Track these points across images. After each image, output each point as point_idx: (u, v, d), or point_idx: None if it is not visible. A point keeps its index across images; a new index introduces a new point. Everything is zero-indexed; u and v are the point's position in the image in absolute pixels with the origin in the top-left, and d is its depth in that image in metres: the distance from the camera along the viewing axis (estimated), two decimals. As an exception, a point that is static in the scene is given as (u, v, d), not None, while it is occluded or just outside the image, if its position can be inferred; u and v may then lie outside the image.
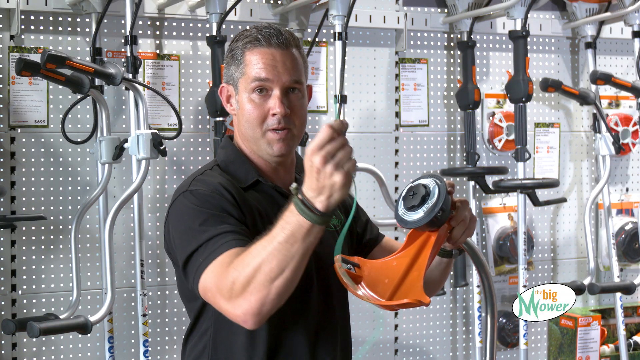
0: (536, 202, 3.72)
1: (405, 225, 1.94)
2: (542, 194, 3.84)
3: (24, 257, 3.16)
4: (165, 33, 3.37)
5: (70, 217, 3.20)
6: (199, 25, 3.41)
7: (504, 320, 3.90)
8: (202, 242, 1.94)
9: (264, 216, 2.07)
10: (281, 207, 2.04)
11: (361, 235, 2.32)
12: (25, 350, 3.16)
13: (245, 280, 1.82)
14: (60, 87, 3.05)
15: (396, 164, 3.77)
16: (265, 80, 2.08)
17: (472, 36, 3.77)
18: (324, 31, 3.56)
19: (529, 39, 3.71)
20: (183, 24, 3.40)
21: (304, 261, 1.84)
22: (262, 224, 2.04)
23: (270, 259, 1.81)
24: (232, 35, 3.43)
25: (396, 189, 3.76)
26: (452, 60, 3.88)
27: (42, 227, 3.18)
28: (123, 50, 3.22)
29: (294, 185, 1.85)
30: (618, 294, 3.92)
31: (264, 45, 2.10)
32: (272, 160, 2.14)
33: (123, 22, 3.17)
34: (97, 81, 3.00)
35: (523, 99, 3.67)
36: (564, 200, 3.96)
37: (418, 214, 1.92)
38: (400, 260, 1.96)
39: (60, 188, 3.21)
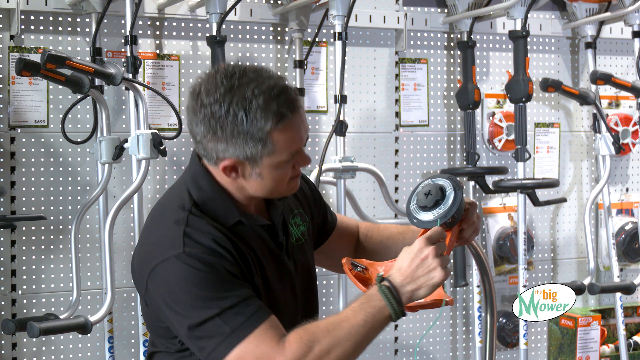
0: (536, 202, 3.72)
1: (412, 222, 1.94)
2: (542, 194, 3.84)
3: (24, 257, 3.16)
4: (165, 33, 3.37)
5: (70, 217, 3.20)
6: (199, 25, 3.41)
7: (504, 320, 3.90)
8: (220, 310, 1.84)
9: (254, 259, 1.98)
10: (265, 240, 2.02)
11: (321, 224, 2.28)
12: (25, 350, 3.16)
13: (315, 357, 1.81)
14: (60, 87, 3.05)
15: (396, 164, 3.77)
16: (301, 149, 1.97)
17: (472, 36, 3.77)
18: (324, 31, 3.56)
19: (529, 39, 3.71)
20: (183, 24, 3.40)
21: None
22: (256, 269, 1.98)
23: (347, 339, 1.82)
24: (232, 36, 3.44)
25: (396, 189, 3.76)
26: (452, 60, 3.88)
27: (42, 227, 3.18)
28: (123, 50, 3.22)
29: (380, 274, 1.88)
30: (618, 294, 3.92)
31: (289, 117, 1.90)
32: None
33: (123, 22, 3.17)
34: (97, 81, 3.00)
35: (523, 99, 3.67)
36: (564, 200, 3.96)
37: (428, 216, 1.92)
38: None
39: (60, 188, 3.21)
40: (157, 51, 3.36)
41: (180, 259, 1.87)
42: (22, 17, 3.11)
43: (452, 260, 3.74)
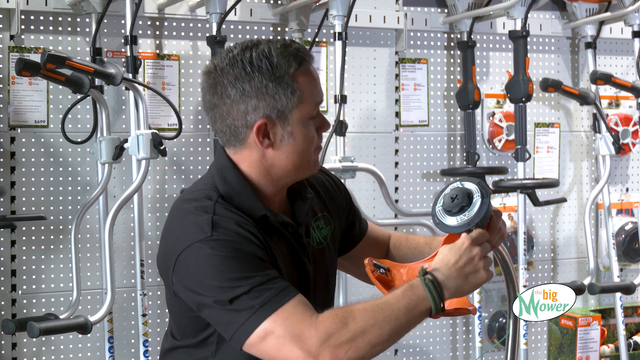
0: (536, 202, 3.72)
1: (435, 224, 1.94)
2: (542, 194, 3.84)
3: (24, 257, 3.16)
4: (165, 33, 3.37)
5: (70, 217, 3.20)
6: (199, 25, 3.41)
7: (504, 320, 3.90)
8: (249, 288, 1.81)
9: (278, 255, 1.96)
10: (288, 240, 2.00)
11: (349, 230, 2.26)
12: (25, 350, 3.16)
13: (350, 336, 1.77)
14: (60, 87, 3.05)
15: (396, 164, 3.77)
16: (319, 113, 1.99)
17: (472, 36, 3.77)
18: (324, 31, 3.56)
19: (529, 39, 3.71)
20: (183, 24, 3.40)
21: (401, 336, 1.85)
22: (281, 264, 1.96)
23: (386, 322, 1.79)
24: (232, 36, 3.45)
25: (396, 189, 3.76)
26: (452, 60, 3.88)
27: (42, 227, 3.18)
28: (123, 50, 3.22)
29: (425, 266, 1.87)
30: (618, 294, 3.92)
31: (308, 61, 1.96)
32: (301, 179, 2.06)
33: (123, 22, 3.17)
34: (97, 81, 3.00)
35: (523, 99, 3.67)
36: (564, 200, 3.96)
37: (451, 221, 1.92)
38: None
39: (60, 188, 3.21)
40: (157, 51, 3.36)
41: (207, 244, 1.86)
42: (22, 17, 3.11)
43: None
